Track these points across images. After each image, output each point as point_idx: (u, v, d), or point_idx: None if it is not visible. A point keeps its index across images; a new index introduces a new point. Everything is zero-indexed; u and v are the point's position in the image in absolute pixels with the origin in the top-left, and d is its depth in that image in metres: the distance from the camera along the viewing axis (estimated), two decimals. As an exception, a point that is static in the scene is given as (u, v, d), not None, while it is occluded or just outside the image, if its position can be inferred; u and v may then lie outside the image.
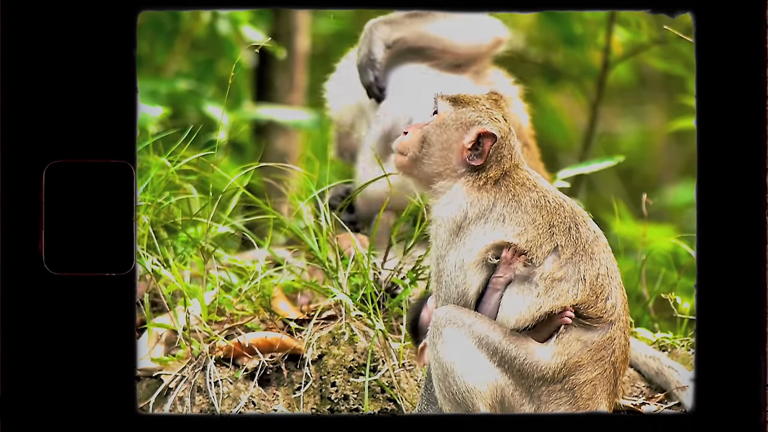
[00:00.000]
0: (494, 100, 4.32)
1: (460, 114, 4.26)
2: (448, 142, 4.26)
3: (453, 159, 4.25)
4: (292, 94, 7.78)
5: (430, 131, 4.27)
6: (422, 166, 4.27)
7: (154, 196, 4.92)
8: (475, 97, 4.30)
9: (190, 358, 4.62)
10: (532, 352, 4.11)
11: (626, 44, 7.26)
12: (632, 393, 4.66)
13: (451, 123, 4.26)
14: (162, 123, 6.07)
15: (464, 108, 4.27)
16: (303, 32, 7.77)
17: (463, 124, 4.26)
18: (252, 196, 4.96)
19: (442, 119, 4.27)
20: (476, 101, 4.29)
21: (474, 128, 4.24)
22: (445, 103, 4.29)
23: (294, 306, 4.91)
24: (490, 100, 4.31)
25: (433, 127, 4.27)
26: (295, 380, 4.62)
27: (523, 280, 4.13)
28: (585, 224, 4.20)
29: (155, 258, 4.77)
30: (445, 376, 4.11)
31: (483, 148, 4.23)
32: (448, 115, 4.27)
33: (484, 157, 4.23)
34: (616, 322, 4.16)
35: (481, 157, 4.23)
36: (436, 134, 4.27)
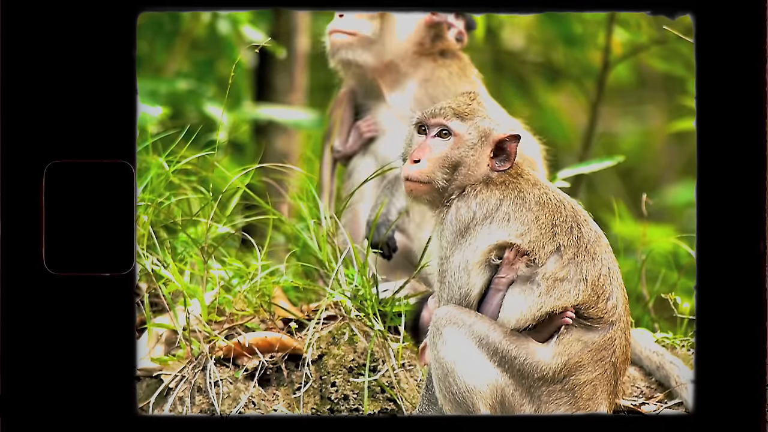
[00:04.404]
0: (474, 100, 4.32)
1: (477, 127, 4.25)
2: (479, 158, 4.23)
3: (481, 171, 4.24)
4: (292, 94, 7.78)
5: (458, 155, 4.23)
6: (448, 188, 4.24)
7: (154, 196, 4.92)
8: (470, 105, 4.29)
9: (190, 358, 4.62)
10: (533, 353, 4.11)
11: (626, 44, 7.27)
12: (632, 393, 4.67)
13: (476, 140, 4.24)
14: (162, 123, 6.07)
15: (474, 120, 4.25)
16: (303, 32, 7.77)
17: (483, 136, 4.25)
18: (253, 195, 4.96)
19: (465, 140, 4.24)
20: (474, 108, 4.28)
21: (491, 137, 4.24)
22: (456, 121, 4.26)
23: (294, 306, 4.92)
24: (476, 102, 4.31)
25: (459, 150, 4.23)
26: (295, 380, 4.62)
27: (525, 280, 4.13)
28: (586, 224, 4.20)
29: (155, 258, 4.77)
30: (445, 376, 4.11)
31: (509, 151, 4.23)
32: (469, 133, 4.25)
33: (512, 159, 4.23)
34: (617, 322, 4.16)
35: (508, 160, 4.23)
36: (468, 156, 4.23)
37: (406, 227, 5.15)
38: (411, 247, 5.15)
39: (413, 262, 5.04)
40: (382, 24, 5.14)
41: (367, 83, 5.25)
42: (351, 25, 5.15)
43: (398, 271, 5.07)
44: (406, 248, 5.14)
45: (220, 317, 4.76)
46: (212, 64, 7.47)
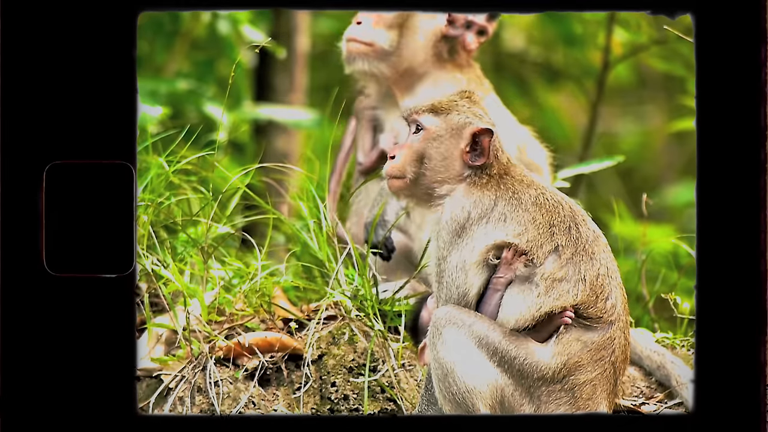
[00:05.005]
0: (468, 98, 4.32)
1: (447, 121, 4.25)
2: (447, 151, 4.24)
3: (455, 166, 4.24)
4: (292, 94, 7.78)
5: (423, 147, 4.24)
6: (423, 182, 4.25)
7: (154, 196, 4.92)
8: (452, 100, 4.29)
9: (190, 358, 4.62)
10: (532, 353, 4.11)
11: (626, 44, 7.27)
12: (632, 393, 4.67)
13: (444, 132, 4.25)
14: (162, 123, 6.07)
15: (449, 114, 4.26)
16: (303, 32, 7.77)
17: (455, 129, 4.25)
18: (253, 195, 4.96)
19: (432, 132, 4.25)
20: (455, 103, 4.28)
21: (466, 130, 4.24)
22: (427, 115, 4.27)
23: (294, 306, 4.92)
24: (464, 98, 4.31)
25: (425, 143, 4.25)
26: (295, 380, 4.62)
27: (523, 280, 4.13)
28: (585, 224, 4.20)
29: (155, 258, 4.77)
30: (445, 376, 4.11)
31: (482, 146, 4.22)
32: (436, 125, 4.26)
33: (486, 154, 4.22)
34: (616, 322, 4.16)
35: (483, 155, 4.23)
36: (432, 148, 4.25)
37: (406, 228, 5.15)
38: (411, 247, 5.15)
39: (413, 262, 5.05)
40: (400, 35, 5.14)
41: (382, 89, 5.25)
42: (368, 35, 5.14)
43: (398, 272, 5.07)
44: (406, 249, 5.15)
45: (220, 317, 4.77)
46: (212, 64, 7.47)
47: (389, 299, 4.77)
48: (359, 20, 5.14)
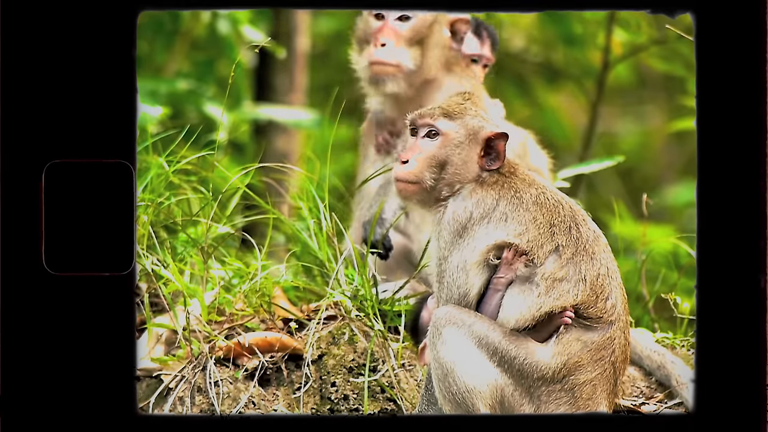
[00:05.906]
0: (468, 99, 4.32)
1: (464, 126, 4.25)
2: (467, 156, 4.23)
3: (472, 170, 4.24)
4: (292, 94, 7.79)
5: (445, 153, 4.23)
6: (438, 187, 4.24)
7: (154, 196, 4.92)
8: (459, 103, 4.29)
9: (190, 358, 4.62)
10: (532, 352, 4.11)
11: (626, 44, 7.27)
12: (632, 393, 4.66)
13: (464, 138, 4.24)
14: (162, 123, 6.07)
15: (463, 119, 4.25)
16: (303, 32, 7.78)
17: (473, 134, 4.24)
18: (253, 195, 4.96)
19: (452, 138, 4.24)
20: (465, 107, 4.28)
21: (481, 134, 4.24)
22: (443, 120, 4.26)
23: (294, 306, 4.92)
24: (468, 101, 4.31)
25: (445, 149, 4.23)
26: (295, 380, 4.62)
27: (524, 280, 4.13)
28: (585, 224, 4.20)
29: (155, 258, 4.77)
30: (445, 376, 4.11)
31: (497, 149, 4.22)
32: (455, 130, 4.25)
33: (502, 158, 4.23)
34: (616, 322, 4.16)
35: (498, 159, 4.23)
36: (453, 153, 4.23)
37: (405, 228, 5.15)
38: (411, 247, 5.15)
39: (413, 262, 5.04)
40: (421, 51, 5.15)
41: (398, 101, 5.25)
42: (394, 56, 5.13)
43: (398, 272, 5.07)
44: (406, 249, 5.14)
45: (220, 317, 4.76)
46: (212, 64, 7.47)
47: (389, 299, 4.77)
48: (382, 42, 5.13)
